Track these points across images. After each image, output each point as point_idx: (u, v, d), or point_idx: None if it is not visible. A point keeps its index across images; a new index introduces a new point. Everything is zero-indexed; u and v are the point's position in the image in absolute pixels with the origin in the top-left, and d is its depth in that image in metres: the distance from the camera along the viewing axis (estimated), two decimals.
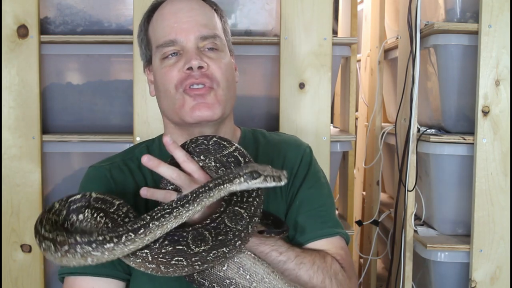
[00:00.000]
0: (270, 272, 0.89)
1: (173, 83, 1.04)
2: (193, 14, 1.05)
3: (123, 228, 0.83)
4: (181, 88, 1.03)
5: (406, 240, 1.71)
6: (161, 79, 1.07)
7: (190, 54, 1.03)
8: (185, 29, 1.04)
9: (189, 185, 0.90)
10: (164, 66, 1.05)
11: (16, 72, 1.61)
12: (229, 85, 1.07)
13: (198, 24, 1.04)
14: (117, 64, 1.75)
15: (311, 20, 1.62)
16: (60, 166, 1.73)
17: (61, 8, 1.69)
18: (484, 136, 1.60)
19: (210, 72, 1.04)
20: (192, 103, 1.03)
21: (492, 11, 1.57)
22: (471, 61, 1.63)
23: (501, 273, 1.61)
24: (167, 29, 1.05)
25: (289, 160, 1.12)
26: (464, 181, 1.67)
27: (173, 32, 1.04)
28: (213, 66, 1.04)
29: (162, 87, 1.07)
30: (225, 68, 1.06)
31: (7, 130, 1.62)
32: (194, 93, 1.03)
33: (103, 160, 1.13)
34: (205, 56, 1.04)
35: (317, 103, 1.63)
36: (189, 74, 1.02)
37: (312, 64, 1.62)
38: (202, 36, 1.04)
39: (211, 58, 1.05)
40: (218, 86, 1.04)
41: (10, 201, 1.63)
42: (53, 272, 1.74)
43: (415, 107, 1.68)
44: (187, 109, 1.03)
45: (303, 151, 1.14)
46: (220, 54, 1.07)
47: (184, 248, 0.83)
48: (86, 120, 1.73)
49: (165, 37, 1.05)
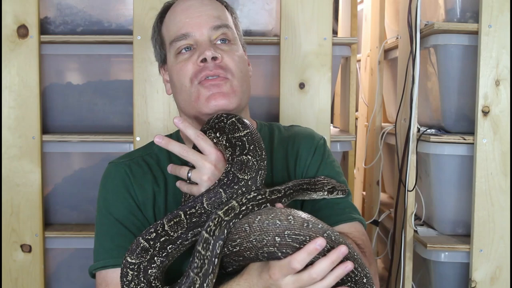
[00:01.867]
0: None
1: (188, 76, 1.04)
2: (205, 9, 1.07)
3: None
4: (196, 81, 1.04)
5: (406, 240, 1.71)
6: (176, 74, 1.07)
7: (203, 46, 1.04)
8: (197, 23, 1.05)
9: (199, 161, 0.93)
10: (178, 62, 1.06)
11: (16, 72, 1.61)
12: (243, 77, 1.07)
13: (209, 17, 1.06)
14: (117, 64, 1.75)
15: (311, 20, 1.62)
16: (60, 166, 1.73)
17: (61, 8, 1.69)
18: (484, 136, 1.60)
19: (224, 64, 1.04)
20: (208, 94, 1.03)
21: (492, 11, 1.57)
22: (471, 61, 1.63)
23: (501, 273, 1.61)
24: (179, 24, 1.06)
25: (303, 152, 1.13)
26: (464, 181, 1.67)
27: (185, 27, 1.05)
28: (227, 58, 1.05)
29: (177, 83, 1.07)
30: (238, 60, 1.07)
31: (7, 130, 1.62)
32: (209, 83, 1.03)
33: (122, 155, 1.14)
34: (219, 49, 1.05)
35: (317, 103, 1.63)
36: (203, 66, 1.03)
37: (312, 64, 1.62)
38: (215, 26, 1.05)
39: (224, 50, 1.05)
40: (233, 77, 1.05)
41: (10, 201, 1.63)
42: (53, 272, 1.74)
43: (415, 107, 1.68)
44: (203, 100, 1.03)
45: (317, 143, 1.15)
46: (233, 46, 1.08)
47: None
48: (86, 120, 1.73)
49: (178, 31, 1.06)
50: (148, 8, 1.58)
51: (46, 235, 1.66)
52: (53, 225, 1.73)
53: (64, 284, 1.74)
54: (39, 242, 1.64)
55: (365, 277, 0.87)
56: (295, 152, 1.13)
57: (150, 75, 1.61)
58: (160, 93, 1.61)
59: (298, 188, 0.98)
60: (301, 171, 1.12)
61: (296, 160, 1.12)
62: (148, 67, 1.60)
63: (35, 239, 1.64)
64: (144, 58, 1.60)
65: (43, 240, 1.65)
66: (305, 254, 0.82)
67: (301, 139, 1.15)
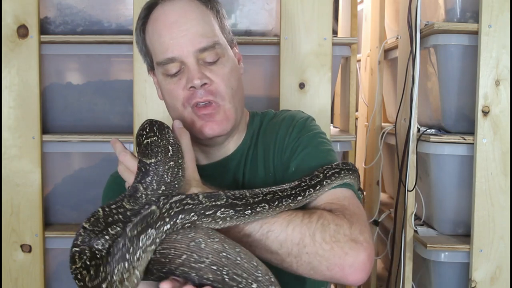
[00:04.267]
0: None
1: (180, 101, 1.03)
2: (189, 26, 1.01)
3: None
4: (189, 106, 1.02)
5: (406, 240, 1.71)
6: (167, 95, 1.05)
7: (192, 72, 1.00)
8: (182, 44, 1.00)
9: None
10: (168, 83, 1.04)
11: (16, 72, 1.61)
12: (234, 93, 1.05)
13: (195, 36, 1.01)
14: (117, 64, 1.75)
15: (311, 20, 1.62)
16: (60, 166, 1.73)
17: (61, 8, 1.69)
18: (484, 136, 1.60)
19: (214, 88, 1.01)
20: (201, 123, 1.02)
21: (492, 11, 1.57)
22: (471, 61, 1.63)
23: (501, 273, 1.61)
24: (164, 46, 1.01)
25: (280, 137, 1.09)
26: (464, 181, 1.67)
27: (170, 49, 1.01)
28: (217, 80, 1.02)
29: (170, 102, 1.06)
30: (228, 77, 1.04)
31: (7, 130, 1.62)
32: (202, 113, 1.01)
33: None
34: (207, 69, 1.02)
35: (317, 103, 1.63)
36: (193, 92, 1.01)
37: (312, 64, 1.62)
38: (201, 48, 1.01)
39: (212, 70, 1.02)
40: (224, 100, 1.03)
41: (10, 201, 1.63)
42: (53, 272, 1.74)
43: (415, 107, 1.68)
44: (197, 128, 1.02)
45: (296, 122, 1.10)
46: (222, 60, 1.03)
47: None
48: (86, 120, 1.73)
49: (163, 54, 1.02)
50: None
51: (46, 235, 1.66)
52: (53, 225, 1.73)
53: (64, 284, 1.74)
54: (39, 242, 1.64)
55: (255, 282, 0.79)
56: (273, 139, 1.10)
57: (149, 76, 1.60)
58: None
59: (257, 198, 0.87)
60: (279, 157, 1.07)
61: (274, 146, 1.09)
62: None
63: (35, 239, 1.64)
64: None
65: (43, 240, 1.65)
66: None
67: (282, 124, 1.11)
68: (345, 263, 0.86)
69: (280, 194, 0.90)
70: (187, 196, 0.82)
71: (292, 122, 1.10)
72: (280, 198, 0.89)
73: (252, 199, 0.86)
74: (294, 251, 0.87)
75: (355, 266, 0.86)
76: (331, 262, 0.86)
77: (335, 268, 0.86)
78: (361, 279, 0.87)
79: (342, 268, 0.86)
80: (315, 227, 0.88)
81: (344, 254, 0.86)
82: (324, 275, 0.87)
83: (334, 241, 0.87)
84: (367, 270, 0.87)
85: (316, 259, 0.86)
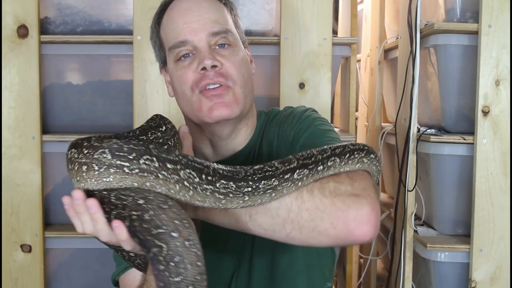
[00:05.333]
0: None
1: (188, 85, 1.02)
2: (202, 13, 1.03)
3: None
4: (197, 90, 1.02)
5: (406, 240, 1.71)
6: (177, 81, 1.05)
7: (202, 54, 1.01)
8: (195, 29, 1.02)
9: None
10: (178, 69, 1.04)
11: (16, 72, 1.61)
12: (245, 81, 1.05)
13: (208, 21, 1.03)
14: (117, 64, 1.75)
15: (311, 20, 1.62)
16: (60, 166, 1.73)
17: (61, 8, 1.69)
18: (484, 136, 1.60)
19: (225, 71, 1.02)
20: (210, 104, 1.01)
21: (492, 11, 1.57)
22: (471, 61, 1.63)
23: (501, 273, 1.61)
24: (177, 31, 1.03)
25: (283, 130, 1.10)
26: (464, 181, 1.67)
27: (183, 33, 1.02)
28: (227, 64, 1.02)
29: (179, 89, 1.06)
30: (239, 64, 1.04)
31: (7, 130, 1.62)
32: (211, 93, 1.01)
33: None
34: (218, 54, 1.02)
35: (317, 103, 1.62)
36: (203, 74, 1.01)
37: (312, 64, 1.62)
38: (213, 32, 1.02)
39: (224, 56, 1.03)
40: (235, 84, 1.03)
41: (10, 201, 1.63)
42: (53, 272, 1.74)
43: (415, 107, 1.68)
44: (205, 110, 1.02)
45: (295, 113, 1.11)
46: (234, 49, 1.05)
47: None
48: (86, 120, 1.73)
49: (175, 38, 1.03)
50: (148, 8, 1.58)
51: (46, 235, 1.66)
52: (53, 225, 1.73)
53: (64, 284, 1.74)
54: (39, 242, 1.64)
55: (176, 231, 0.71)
56: (276, 133, 1.10)
57: (150, 75, 1.61)
58: (160, 93, 1.61)
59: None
60: (282, 147, 1.08)
61: (278, 140, 1.09)
62: (148, 67, 1.60)
63: (35, 239, 1.64)
64: (144, 58, 1.60)
65: (43, 240, 1.65)
66: None
67: (283, 118, 1.12)
68: (348, 216, 0.82)
69: (350, 147, 0.90)
70: (265, 164, 0.83)
71: (292, 114, 1.12)
72: (350, 151, 0.89)
73: (320, 155, 0.86)
74: (293, 208, 0.83)
75: (359, 219, 0.82)
76: (334, 217, 0.82)
77: (339, 223, 0.82)
78: (368, 234, 0.83)
79: (346, 222, 0.82)
80: (312, 184, 0.86)
81: (347, 207, 0.83)
82: (330, 236, 0.83)
83: (334, 196, 0.84)
84: (372, 222, 0.83)
85: (317, 216, 0.82)
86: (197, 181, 0.75)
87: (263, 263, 1.07)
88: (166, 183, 0.74)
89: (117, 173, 0.72)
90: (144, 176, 0.73)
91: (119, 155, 0.72)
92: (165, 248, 0.69)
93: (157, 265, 0.70)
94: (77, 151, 0.76)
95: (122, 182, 0.73)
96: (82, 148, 0.75)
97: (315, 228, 0.83)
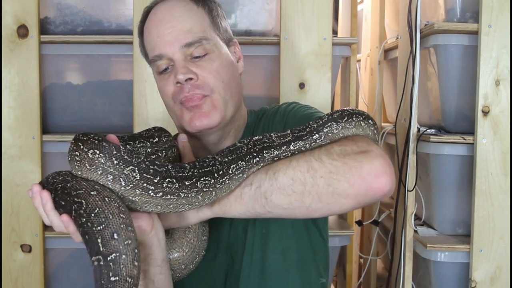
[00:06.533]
0: None
1: (169, 97, 1.05)
2: (175, 23, 1.03)
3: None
4: (177, 101, 1.04)
5: (406, 240, 1.71)
6: (160, 92, 1.09)
7: (176, 67, 1.02)
8: (168, 41, 1.02)
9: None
10: (160, 80, 1.07)
11: (16, 72, 1.61)
12: (226, 86, 1.05)
13: (180, 32, 1.02)
14: (117, 64, 1.76)
15: (311, 20, 1.62)
16: (60, 166, 1.71)
17: (61, 8, 1.69)
18: (484, 136, 1.60)
19: (201, 82, 1.02)
20: (190, 114, 1.04)
21: (492, 11, 1.57)
22: (471, 61, 1.63)
23: (501, 273, 1.61)
24: (152, 44, 1.05)
25: (272, 125, 1.12)
26: (464, 181, 1.67)
27: (157, 46, 1.03)
28: (203, 73, 1.02)
29: (163, 100, 1.09)
30: (217, 70, 1.04)
31: (7, 130, 1.62)
32: (190, 105, 1.03)
33: None
34: (194, 65, 1.02)
35: (317, 103, 1.62)
36: (180, 87, 1.02)
37: (312, 64, 1.62)
38: (187, 44, 1.02)
39: (200, 65, 1.03)
40: (212, 92, 1.03)
41: (10, 201, 1.63)
42: (53, 272, 1.74)
43: (415, 107, 1.68)
44: (186, 120, 1.04)
45: (282, 107, 1.14)
46: (211, 56, 1.04)
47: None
48: (86, 120, 1.73)
49: (152, 52, 1.05)
50: None
51: (46, 235, 1.67)
52: None
53: (64, 284, 1.74)
54: (39, 242, 1.64)
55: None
56: (266, 130, 1.12)
57: (150, 75, 1.61)
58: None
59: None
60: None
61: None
62: (148, 67, 1.59)
63: (35, 239, 1.64)
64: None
65: (43, 240, 1.65)
66: None
67: (271, 115, 1.14)
68: (363, 171, 0.83)
69: (349, 111, 0.95)
70: (263, 135, 0.92)
71: (279, 110, 1.14)
72: (349, 114, 0.94)
73: (304, 131, 0.93)
74: (308, 180, 0.84)
75: (374, 171, 0.83)
76: (349, 176, 0.83)
77: (356, 180, 0.83)
78: (387, 184, 0.84)
79: (362, 178, 0.83)
80: (318, 152, 0.87)
81: (359, 163, 0.84)
82: (349, 195, 0.84)
83: (343, 156, 0.85)
84: (388, 172, 0.84)
85: (333, 179, 0.83)
86: (177, 187, 0.82)
87: (255, 257, 1.07)
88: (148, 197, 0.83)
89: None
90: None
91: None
92: (84, 204, 0.80)
93: (78, 221, 0.81)
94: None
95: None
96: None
97: (334, 192, 0.84)
